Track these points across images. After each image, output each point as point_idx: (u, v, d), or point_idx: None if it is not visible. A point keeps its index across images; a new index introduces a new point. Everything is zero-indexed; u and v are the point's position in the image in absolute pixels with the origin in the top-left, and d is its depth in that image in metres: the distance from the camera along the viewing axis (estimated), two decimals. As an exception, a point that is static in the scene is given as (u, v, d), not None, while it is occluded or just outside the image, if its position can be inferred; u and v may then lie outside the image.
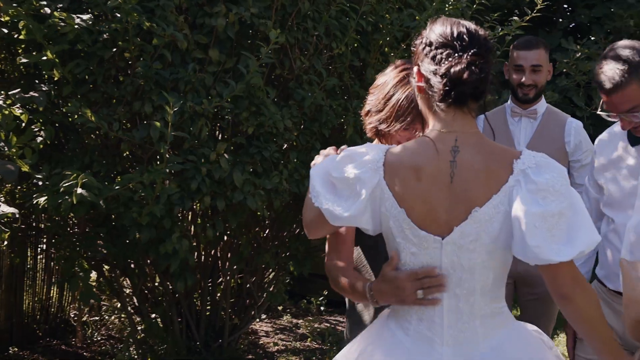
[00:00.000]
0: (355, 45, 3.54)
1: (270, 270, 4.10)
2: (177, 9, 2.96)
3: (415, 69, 1.66)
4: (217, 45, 3.01)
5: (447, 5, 3.93)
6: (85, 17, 2.71)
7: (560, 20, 7.09)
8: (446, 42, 1.59)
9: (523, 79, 3.13)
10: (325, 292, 5.32)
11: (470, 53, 1.55)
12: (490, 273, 1.62)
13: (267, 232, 3.96)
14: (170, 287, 3.67)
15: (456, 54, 1.56)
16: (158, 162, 3.00)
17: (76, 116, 2.70)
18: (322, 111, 3.32)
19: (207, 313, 4.03)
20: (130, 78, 2.85)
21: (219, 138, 3.25)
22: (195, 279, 3.36)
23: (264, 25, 2.99)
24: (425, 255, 1.62)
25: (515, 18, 4.37)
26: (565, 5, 7.37)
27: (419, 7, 3.88)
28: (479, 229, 1.57)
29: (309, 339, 4.71)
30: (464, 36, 1.58)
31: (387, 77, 2.21)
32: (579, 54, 6.38)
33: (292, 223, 3.79)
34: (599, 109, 2.27)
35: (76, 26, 2.69)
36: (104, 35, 2.78)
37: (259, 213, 3.16)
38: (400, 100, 2.14)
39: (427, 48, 1.62)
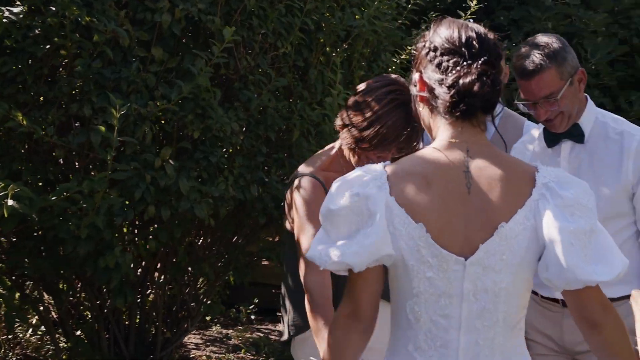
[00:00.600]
0: (298, 44, 3.43)
1: (203, 280, 3.94)
2: (117, 3, 2.76)
3: (416, 75, 1.52)
4: (160, 43, 2.83)
5: (383, 5, 3.88)
6: (15, 10, 2.48)
7: (481, 21, 7.23)
8: (453, 48, 1.45)
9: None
10: (256, 300, 5.18)
11: (480, 62, 1.42)
12: (514, 300, 1.45)
13: (201, 240, 3.79)
14: (98, 302, 3.45)
15: (465, 63, 1.43)
16: (96, 171, 2.80)
17: (7, 120, 2.46)
18: (267, 113, 3.20)
19: (137, 327, 3.82)
20: (67, 78, 2.62)
21: (163, 143, 3.06)
22: (135, 294, 3.16)
23: (211, 22, 2.83)
24: (444, 280, 1.42)
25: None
26: (482, 6, 7.52)
27: (360, 5, 3.81)
28: (505, 247, 1.42)
29: (243, 350, 4.57)
30: (474, 42, 1.44)
31: (376, 95, 2.20)
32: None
33: (232, 231, 3.63)
34: (516, 99, 2.28)
35: (4, 20, 2.45)
36: (36, 31, 2.55)
37: (207, 222, 3.00)
38: (388, 128, 2.15)
39: (432, 54, 1.48)
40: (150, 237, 3.00)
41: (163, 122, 2.91)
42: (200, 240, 3.77)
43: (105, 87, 2.64)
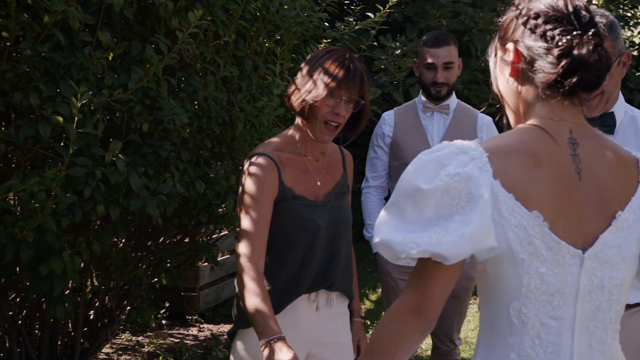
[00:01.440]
0: (238, 33, 3.32)
1: (125, 284, 3.72)
2: (60, -19, 2.53)
3: (510, 46, 1.36)
4: (106, 28, 2.63)
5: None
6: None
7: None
8: (560, 16, 1.32)
9: (436, 77, 3.16)
10: (167, 304, 4.98)
11: (591, 33, 1.30)
12: (623, 299, 1.36)
13: (122, 241, 3.58)
14: (10, 312, 3.17)
15: (575, 32, 1.30)
16: (40, 167, 2.56)
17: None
18: (211, 105, 3.07)
19: (50, 337, 3.55)
20: (9, 63, 2.38)
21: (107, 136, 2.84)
22: (75, 303, 2.93)
23: (163, 7, 2.67)
24: (558, 276, 1.28)
25: (371, 14, 4.45)
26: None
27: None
28: (621, 239, 1.32)
29: (160, 357, 4.37)
30: (582, 11, 1.32)
31: (308, 59, 2.31)
32: (398, 50, 6.67)
33: (163, 231, 3.46)
34: None
35: None
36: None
37: (155, 222, 2.82)
38: (330, 66, 2.21)
39: (532, 21, 1.33)
40: (91, 239, 2.78)
41: (117, 114, 2.71)
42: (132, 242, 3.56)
43: (53, 74, 2.42)
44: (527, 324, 1.30)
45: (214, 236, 4.12)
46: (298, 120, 2.32)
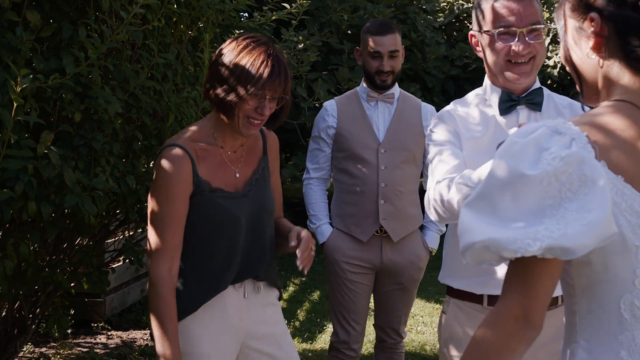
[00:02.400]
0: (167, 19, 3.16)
1: (37, 290, 3.46)
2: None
3: (594, 14, 1.25)
4: (35, 7, 2.42)
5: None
6: None
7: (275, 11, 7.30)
8: None
9: (382, 66, 3.13)
10: (72, 312, 4.69)
11: None
12: None
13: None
14: None
15: None
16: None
17: None
18: (139, 94, 2.89)
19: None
20: None
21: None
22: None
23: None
24: None
25: (286, 5, 4.39)
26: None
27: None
28: None
29: (71, 369, 4.11)
30: None
31: (228, 48, 2.18)
32: (301, 45, 6.63)
33: (86, 230, 3.23)
34: (494, 26, 2.01)
35: None
36: None
37: (87, 220, 2.62)
38: (248, 64, 2.09)
39: None
40: (19, 239, 2.55)
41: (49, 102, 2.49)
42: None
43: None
44: (639, 318, 1.20)
45: (123, 234, 3.90)
46: (214, 113, 2.23)
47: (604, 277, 1.21)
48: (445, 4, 8.63)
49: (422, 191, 3.34)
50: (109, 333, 4.75)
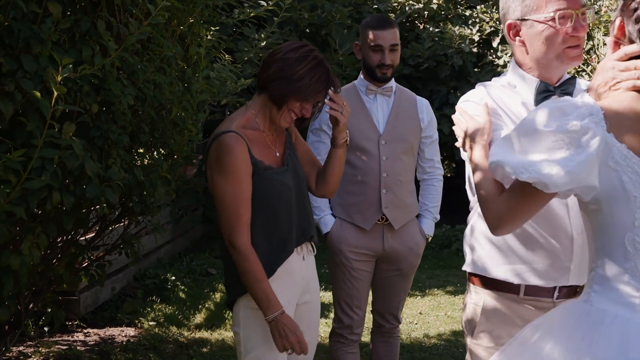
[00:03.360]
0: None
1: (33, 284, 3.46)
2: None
3: (618, 20, 1.68)
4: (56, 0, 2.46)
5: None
6: None
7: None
8: None
9: (383, 59, 3.25)
10: (49, 310, 4.66)
11: None
12: None
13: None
14: None
15: None
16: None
17: None
18: (147, 87, 2.95)
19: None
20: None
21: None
22: (15, 305, 2.69)
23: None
24: None
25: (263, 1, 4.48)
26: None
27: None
28: None
29: (55, 367, 4.10)
30: None
31: (299, 54, 2.54)
32: (264, 42, 6.72)
33: (84, 223, 3.25)
34: (548, 10, 2.01)
35: None
36: None
37: (101, 212, 2.67)
38: (317, 80, 2.54)
39: (634, 4, 1.64)
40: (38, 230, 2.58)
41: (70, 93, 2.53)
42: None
43: (12, 46, 2.22)
44: (639, 250, 1.59)
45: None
46: (260, 101, 2.57)
47: (612, 220, 1.61)
48: (396, 4, 8.85)
49: (416, 181, 3.52)
50: (85, 331, 4.74)
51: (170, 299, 5.51)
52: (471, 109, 2.08)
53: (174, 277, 5.86)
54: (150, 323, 4.95)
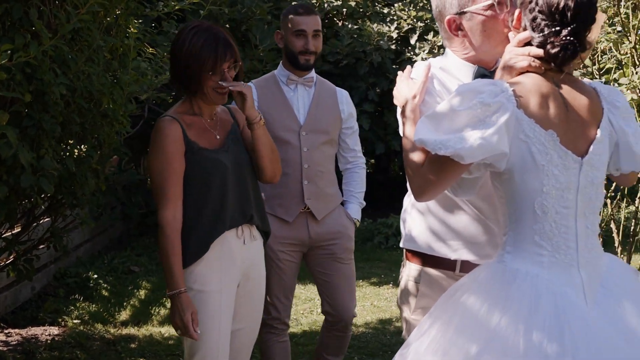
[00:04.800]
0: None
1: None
2: None
3: (517, 11, 1.92)
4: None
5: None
6: None
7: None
8: (549, 12, 1.83)
9: (307, 45, 3.28)
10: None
11: (568, 30, 1.81)
12: (602, 191, 1.93)
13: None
14: None
15: (554, 29, 1.83)
16: None
17: None
18: (78, 77, 2.96)
19: None
20: None
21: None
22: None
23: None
24: (567, 176, 1.83)
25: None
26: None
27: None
28: (601, 149, 1.89)
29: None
30: (568, 12, 1.82)
31: (182, 37, 2.67)
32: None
33: (11, 216, 3.23)
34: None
35: None
36: None
37: (35, 202, 2.67)
38: (199, 50, 2.61)
39: (532, 5, 1.86)
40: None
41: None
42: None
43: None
44: (547, 213, 1.83)
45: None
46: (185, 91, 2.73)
47: (523, 187, 1.85)
48: (315, 1, 8.98)
49: (337, 171, 3.59)
50: (7, 331, 4.66)
51: (93, 297, 5.47)
52: (414, 71, 2.17)
53: (95, 276, 5.81)
54: (75, 321, 4.91)
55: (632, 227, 4.50)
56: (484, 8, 2.08)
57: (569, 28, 1.82)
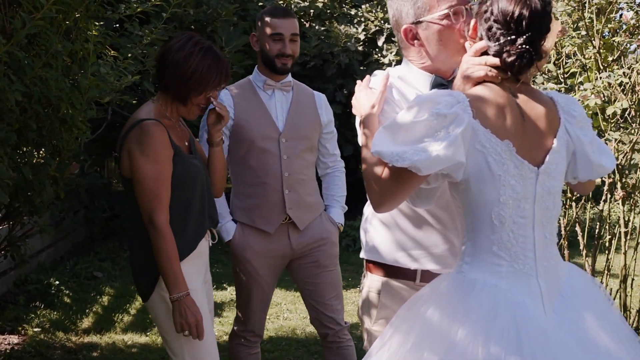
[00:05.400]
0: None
1: None
2: None
3: (473, 21, 1.94)
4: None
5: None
6: None
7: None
8: (504, 21, 1.85)
9: (284, 49, 3.16)
10: None
11: (524, 39, 1.83)
12: (559, 200, 1.94)
13: None
14: None
15: (509, 38, 1.85)
16: None
17: None
18: (35, 83, 2.91)
19: None
20: None
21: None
22: None
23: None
24: (523, 186, 1.84)
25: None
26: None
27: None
28: (558, 158, 1.91)
29: None
30: (523, 21, 1.84)
31: (187, 50, 2.69)
32: (149, 38, 6.66)
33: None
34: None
35: None
36: None
37: None
38: (206, 69, 2.69)
39: (487, 14, 1.88)
40: None
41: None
42: None
43: None
44: (504, 223, 1.85)
45: None
46: (167, 97, 2.74)
47: (480, 197, 1.86)
48: (282, 2, 8.97)
49: (318, 178, 3.51)
50: (-36, 340, 4.58)
51: (55, 304, 5.39)
52: (372, 81, 2.16)
53: (57, 282, 5.73)
54: (35, 329, 4.83)
55: (596, 229, 4.56)
56: (440, 17, 2.09)
57: (524, 36, 1.83)
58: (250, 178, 3.24)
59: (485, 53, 1.92)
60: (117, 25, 6.99)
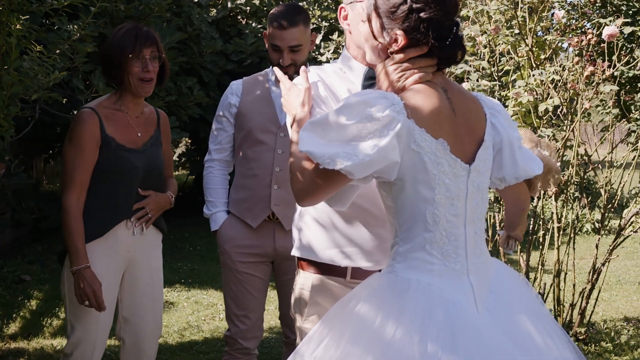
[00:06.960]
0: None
1: None
2: None
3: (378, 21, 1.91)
4: None
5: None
6: None
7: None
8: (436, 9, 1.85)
9: (282, 60, 3.08)
10: None
11: (451, 24, 1.87)
12: (487, 196, 1.96)
13: None
14: None
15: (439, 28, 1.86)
16: None
17: None
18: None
19: None
20: None
21: None
22: None
23: None
24: (456, 184, 1.84)
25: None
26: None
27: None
28: (486, 155, 1.92)
29: None
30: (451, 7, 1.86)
31: (113, 37, 2.91)
32: (77, 35, 6.50)
33: None
34: None
35: None
36: None
37: None
38: (122, 40, 2.88)
39: (404, 13, 1.85)
40: None
41: None
42: None
43: None
44: (438, 222, 1.84)
45: None
46: (120, 87, 2.93)
47: (415, 196, 1.83)
48: (218, -1, 8.89)
49: None
50: None
51: (-21, 309, 5.21)
52: (296, 78, 2.16)
53: (-17, 287, 5.54)
54: (-42, 336, 4.66)
55: (530, 226, 4.64)
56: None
57: (451, 22, 1.86)
58: (244, 169, 3.25)
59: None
60: (46, 20, 6.79)
